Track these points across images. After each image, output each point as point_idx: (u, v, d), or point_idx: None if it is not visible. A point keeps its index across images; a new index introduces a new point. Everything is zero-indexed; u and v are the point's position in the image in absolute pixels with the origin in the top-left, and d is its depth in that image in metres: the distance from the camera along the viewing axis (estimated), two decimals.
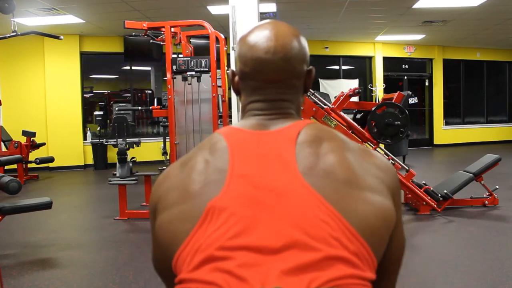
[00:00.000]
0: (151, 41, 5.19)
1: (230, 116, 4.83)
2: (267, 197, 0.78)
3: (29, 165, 7.93)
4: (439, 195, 4.69)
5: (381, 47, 11.01)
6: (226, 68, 5.12)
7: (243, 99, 0.97)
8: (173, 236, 0.81)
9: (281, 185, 0.79)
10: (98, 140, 8.59)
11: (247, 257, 0.72)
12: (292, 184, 0.79)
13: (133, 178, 5.05)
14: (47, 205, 3.53)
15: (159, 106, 5.45)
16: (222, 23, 7.33)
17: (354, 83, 10.41)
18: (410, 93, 5.93)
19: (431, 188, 4.74)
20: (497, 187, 4.86)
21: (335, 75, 11.08)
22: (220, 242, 0.75)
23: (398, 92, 5.58)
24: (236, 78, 0.96)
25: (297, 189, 0.78)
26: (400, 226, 0.89)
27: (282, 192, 0.78)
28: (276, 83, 0.91)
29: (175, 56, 4.79)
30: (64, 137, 8.96)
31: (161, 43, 5.13)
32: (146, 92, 11.13)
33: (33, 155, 7.93)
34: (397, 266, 0.92)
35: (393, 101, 5.11)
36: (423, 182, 4.84)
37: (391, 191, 0.86)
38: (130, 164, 5.59)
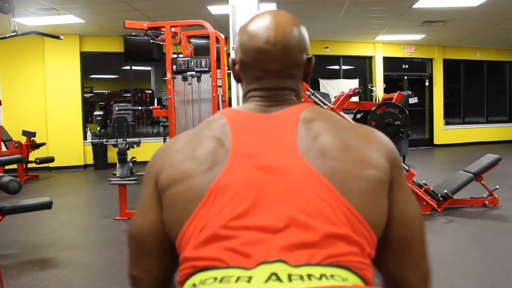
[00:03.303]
0: (151, 41, 5.18)
1: None
2: (268, 177, 0.80)
3: (29, 165, 7.92)
4: (439, 195, 4.68)
5: (381, 47, 11.01)
6: (226, 68, 5.12)
7: (244, 87, 0.98)
8: (178, 215, 0.83)
9: (283, 165, 0.81)
10: (98, 140, 8.58)
11: (251, 236, 0.74)
12: (293, 163, 0.80)
13: (133, 178, 5.05)
14: (47, 205, 3.52)
15: (159, 106, 5.45)
16: (222, 23, 7.33)
17: (354, 83, 10.40)
18: (410, 93, 5.94)
19: (431, 188, 4.74)
20: (497, 187, 4.85)
21: (335, 75, 11.08)
22: (224, 221, 0.76)
23: (398, 92, 5.59)
24: (237, 66, 0.97)
25: (298, 168, 0.80)
26: (402, 196, 0.88)
27: (283, 171, 0.80)
28: (276, 73, 0.92)
29: (175, 56, 4.79)
30: (64, 137, 8.96)
31: (161, 43, 5.13)
32: (146, 92, 11.13)
33: (33, 155, 7.92)
34: (410, 246, 0.88)
35: (393, 101, 5.11)
36: (423, 182, 4.83)
37: (389, 159, 0.87)
38: (130, 164, 5.58)
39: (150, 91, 10.98)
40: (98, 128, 9.29)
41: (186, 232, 0.80)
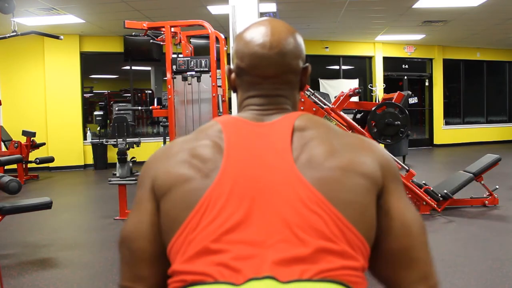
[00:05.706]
0: (151, 41, 5.18)
1: None
2: (261, 188, 0.79)
3: (29, 165, 7.92)
4: (439, 195, 4.68)
5: (381, 47, 11.01)
6: (226, 68, 5.11)
7: (239, 95, 0.97)
8: (171, 223, 0.82)
9: (276, 177, 0.80)
10: (98, 140, 8.59)
11: (242, 251, 0.74)
12: (287, 174, 0.79)
13: (133, 178, 5.05)
14: (47, 205, 3.53)
15: (159, 106, 5.45)
16: (222, 23, 7.33)
17: (354, 83, 10.40)
18: (410, 93, 5.92)
19: (431, 188, 4.74)
20: (497, 187, 4.86)
21: (335, 75, 11.08)
22: (216, 235, 0.75)
23: (398, 92, 5.58)
24: (233, 75, 0.97)
25: (291, 180, 0.79)
26: (398, 204, 0.85)
27: (276, 182, 0.79)
28: (272, 78, 0.91)
29: (175, 56, 4.79)
30: (64, 137, 8.96)
31: (161, 43, 5.13)
32: (146, 92, 11.14)
33: (33, 155, 7.93)
34: (412, 257, 0.82)
35: (393, 101, 5.11)
36: (423, 182, 4.83)
37: (381, 166, 0.85)
38: (130, 164, 5.58)
39: (150, 91, 10.98)
40: (98, 128, 9.30)
41: (176, 242, 0.79)
